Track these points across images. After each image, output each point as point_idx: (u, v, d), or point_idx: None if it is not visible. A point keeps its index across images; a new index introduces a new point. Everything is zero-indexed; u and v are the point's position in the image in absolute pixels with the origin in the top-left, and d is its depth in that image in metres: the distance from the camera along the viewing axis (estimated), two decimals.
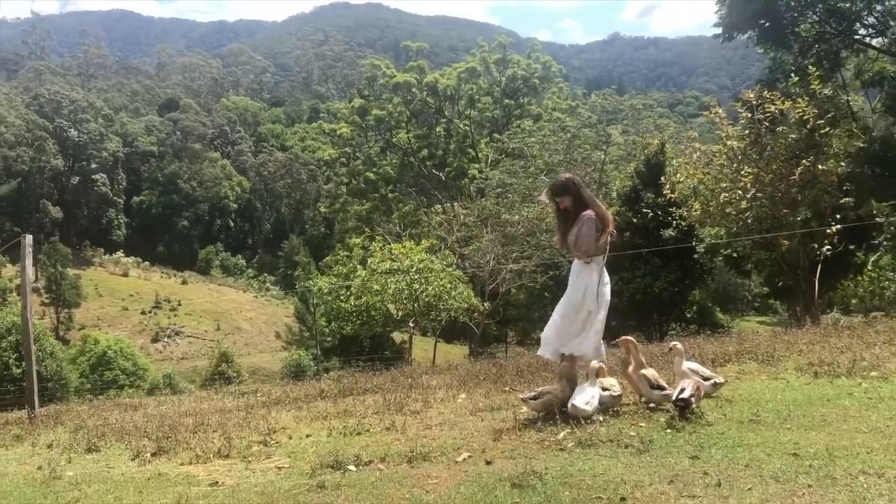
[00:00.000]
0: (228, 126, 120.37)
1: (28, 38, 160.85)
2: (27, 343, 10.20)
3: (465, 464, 5.07)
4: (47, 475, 5.55)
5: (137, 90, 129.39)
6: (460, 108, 54.41)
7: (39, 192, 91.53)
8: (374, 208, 52.55)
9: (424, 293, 20.10)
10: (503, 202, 34.12)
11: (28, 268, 9.98)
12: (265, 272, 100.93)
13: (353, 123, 56.38)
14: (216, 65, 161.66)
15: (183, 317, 76.94)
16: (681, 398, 5.53)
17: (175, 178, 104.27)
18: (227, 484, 5.03)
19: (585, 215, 6.18)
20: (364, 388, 9.52)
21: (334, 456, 5.34)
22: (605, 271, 6.50)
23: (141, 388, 36.29)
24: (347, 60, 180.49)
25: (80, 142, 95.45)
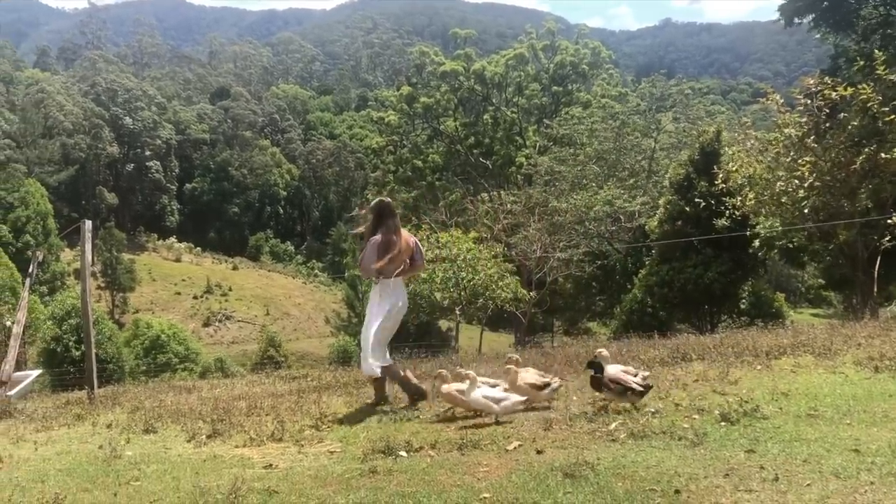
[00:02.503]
0: (278, 114, 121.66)
1: (85, 28, 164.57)
2: (87, 326, 10.48)
3: (515, 452, 5.07)
4: (108, 454, 5.70)
5: (190, 78, 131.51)
6: (508, 95, 54.06)
7: (96, 178, 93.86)
8: (420, 196, 52.57)
9: (471, 282, 20.08)
10: (551, 190, 33.88)
11: (87, 252, 10.24)
12: (313, 259, 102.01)
13: (401, 111, 56.43)
14: (266, 53, 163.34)
15: (233, 302, 78.33)
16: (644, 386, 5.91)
17: (226, 165, 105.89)
18: (280, 467, 5.11)
19: (372, 240, 6.83)
20: (414, 374, 9.57)
21: (385, 441, 5.38)
22: (395, 294, 7.05)
23: (193, 372, 37.08)
24: (395, 48, 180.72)
25: (134, 129, 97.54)
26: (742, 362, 7.80)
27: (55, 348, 27.64)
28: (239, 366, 39.17)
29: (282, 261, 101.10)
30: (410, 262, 7.18)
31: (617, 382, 5.89)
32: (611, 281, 34.39)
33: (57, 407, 9.78)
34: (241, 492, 4.36)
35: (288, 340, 56.48)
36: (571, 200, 31.21)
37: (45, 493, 4.57)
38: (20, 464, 5.68)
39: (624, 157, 36.33)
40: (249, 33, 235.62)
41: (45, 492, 4.62)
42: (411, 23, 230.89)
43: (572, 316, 41.49)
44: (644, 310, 24.56)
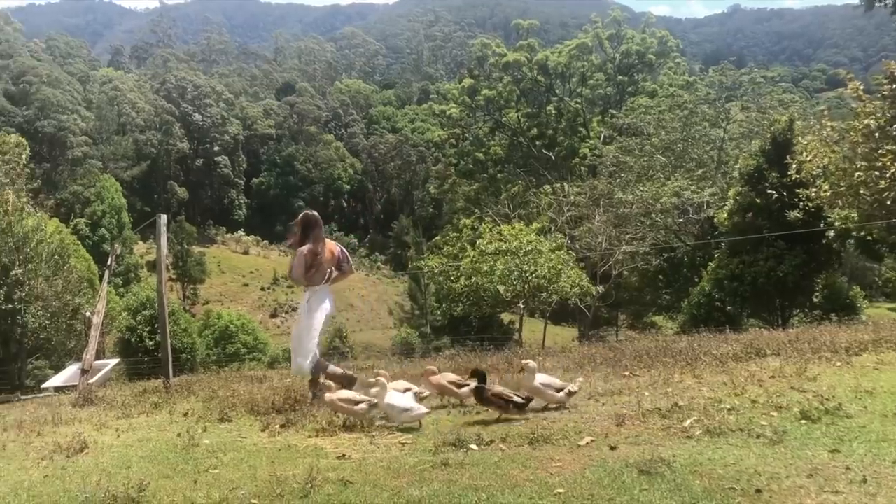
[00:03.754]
0: (342, 109, 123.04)
1: (156, 27, 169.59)
2: (162, 317, 10.80)
3: (588, 448, 5.02)
4: (186, 442, 5.87)
5: (256, 75, 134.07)
6: (572, 85, 53.51)
7: (167, 173, 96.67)
8: (482, 189, 52.54)
9: (534, 275, 19.93)
10: (616, 181, 33.42)
11: (163, 246, 10.56)
12: (376, 251, 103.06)
13: (463, 104, 56.44)
14: (330, 48, 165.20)
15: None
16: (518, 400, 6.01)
17: (292, 160, 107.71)
18: (353, 457, 5.17)
19: (299, 251, 7.33)
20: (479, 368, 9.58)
21: (455, 434, 5.39)
22: (321, 300, 7.51)
23: (261, 362, 37.82)
24: (457, 40, 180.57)
25: (203, 125, 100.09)
26: (820, 358, 7.55)
27: (130, 338, 28.54)
28: None
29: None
30: (339, 270, 7.60)
31: (499, 396, 6.03)
32: (678, 274, 33.76)
33: (135, 395, 10.11)
34: (317, 482, 4.43)
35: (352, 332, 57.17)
36: (638, 192, 30.72)
37: (130, 479, 4.72)
38: (104, 450, 5.90)
39: (692, 147, 35.55)
40: (314, 29, 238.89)
41: (129, 478, 4.78)
42: (473, 15, 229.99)
43: (637, 310, 40.87)
44: (712, 304, 24.01)
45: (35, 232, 23.42)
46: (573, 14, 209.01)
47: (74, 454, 5.75)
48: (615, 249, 27.64)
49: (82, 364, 10.81)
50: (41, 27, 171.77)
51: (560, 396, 6.35)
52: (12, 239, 22.39)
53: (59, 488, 4.73)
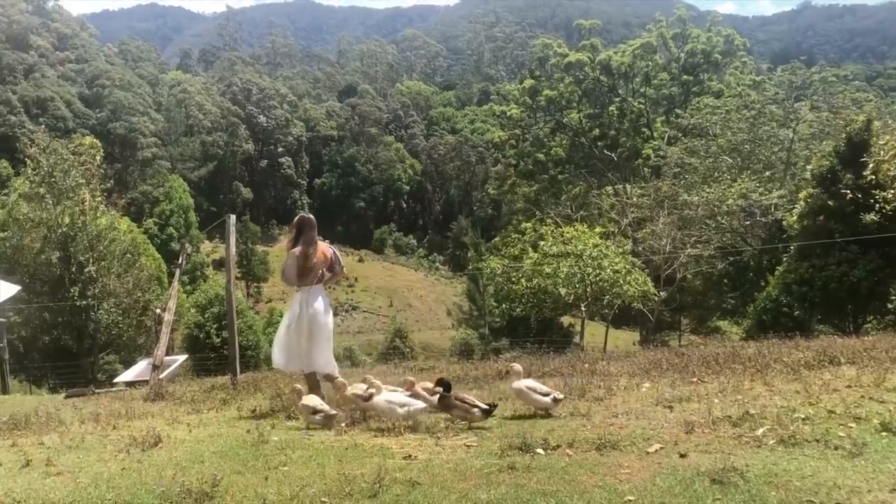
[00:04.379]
0: (402, 110, 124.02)
1: (223, 31, 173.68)
2: (230, 315, 11.03)
3: (657, 455, 4.93)
4: (256, 439, 5.97)
5: (319, 77, 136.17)
6: (635, 85, 52.75)
7: (232, 174, 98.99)
8: (542, 190, 52.22)
9: (597, 277, 19.70)
10: (681, 183, 32.81)
11: (232, 245, 10.79)
12: (435, 252, 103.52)
13: (524, 104, 56.20)
14: (391, 51, 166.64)
15: (359, 293, 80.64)
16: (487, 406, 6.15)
17: (353, 161, 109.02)
18: (419, 458, 5.18)
19: (292, 252, 7.59)
20: (542, 371, 9.51)
21: (521, 438, 5.35)
22: (311, 300, 7.68)
23: None
24: (518, 41, 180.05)
25: (268, 127, 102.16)
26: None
27: (198, 335, 29.30)
28: (365, 355, 40.24)
29: (404, 254, 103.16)
30: (331, 272, 7.84)
31: (462, 401, 6.19)
32: (743, 278, 32.96)
33: (203, 391, 10.35)
34: (385, 481, 4.45)
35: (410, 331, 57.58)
36: (703, 194, 30.07)
37: (204, 473, 4.83)
38: (177, 444, 6.05)
39: (759, 148, 34.65)
40: (376, 31, 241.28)
41: (203, 473, 4.89)
42: (534, 15, 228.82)
43: (701, 314, 40.02)
44: (779, 309, 23.32)
45: (108, 230, 24.26)
46: (636, 13, 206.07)
47: (149, 448, 5.91)
48: (679, 252, 27.12)
49: (153, 360, 11.12)
50: (114, 32, 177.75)
51: (545, 401, 6.36)
52: (87, 237, 23.22)
53: (136, 481, 4.87)
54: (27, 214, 23.72)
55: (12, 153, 76.99)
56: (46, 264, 23.36)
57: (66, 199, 23.45)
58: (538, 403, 6.43)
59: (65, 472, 5.25)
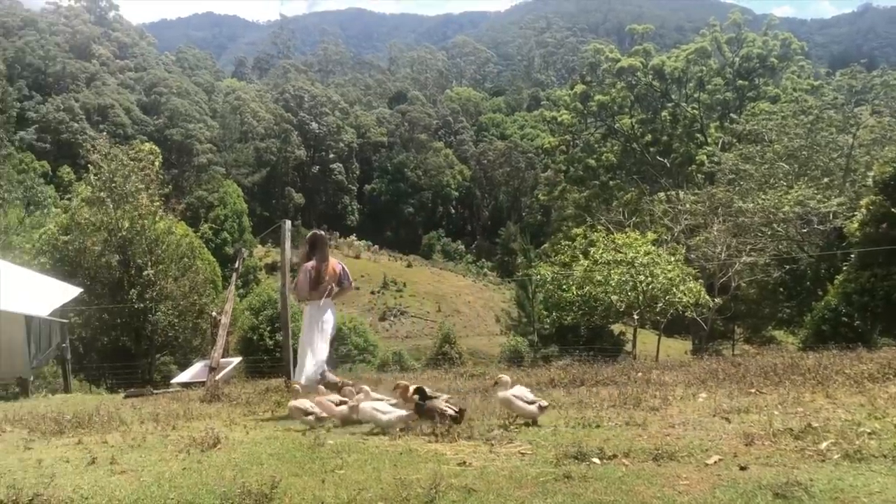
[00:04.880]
0: (451, 116, 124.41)
1: (277, 39, 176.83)
2: (284, 318, 11.21)
3: (716, 467, 4.84)
4: (312, 442, 6.05)
5: (370, 84, 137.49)
6: (688, 91, 52.03)
7: (285, 179, 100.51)
8: (593, 196, 51.79)
9: (650, 285, 19.42)
10: (735, 189, 32.19)
11: (287, 250, 10.97)
12: (483, 258, 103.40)
13: (574, 110, 55.87)
14: (441, 57, 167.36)
15: (407, 298, 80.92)
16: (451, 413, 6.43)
17: (402, 167, 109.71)
18: (474, 465, 5.18)
19: (304, 266, 8.05)
20: (595, 379, 9.43)
21: (577, 447, 5.32)
22: (321, 313, 8.14)
23: (371, 364, 38.67)
24: (569, 46, 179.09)
25: (319, 133, 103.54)
26: None
27: (252, 337, 29.84)
28: (414, 360, 40.37)
29: (453, 259, 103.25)
30: (339, 286, 8.28)
31: (433, 409, 6.49)
32: (800, 287, 32.13)
33: (258, 393, 10.53)
34: (441, 488, 4.47)
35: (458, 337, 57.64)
36: (758, 201, 29.44)
37: (262, 475, 4.91)
38: (236, 446, 6.16)
39: (817, 154, 33.78)
40: (426, 38, 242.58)
41: (261, 474, 4.98)
42: (585, 20, 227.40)
43: (755, 323, 39.12)
44: (839, 319, 22.65)
45: (166, 235, 24.85)
46: (689, 18, 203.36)
47: (208, 448, 6.03)
48: (734, 260, 26.59)
49: (210, 362, 11.36)
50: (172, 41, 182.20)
51: (531, 409, 6.49)
52: (146, 241, 23.82)
53: (196, 481, 4.98)
54: (89, 218, 24.45)
55: (74, 159, 79.65)
56: (107, 267, 24.04)
57: (125, 204, 24.11)
58: (524, 412, 6.54)
59: (128, 470, 5.39)
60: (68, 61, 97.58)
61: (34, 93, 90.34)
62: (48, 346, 17.19)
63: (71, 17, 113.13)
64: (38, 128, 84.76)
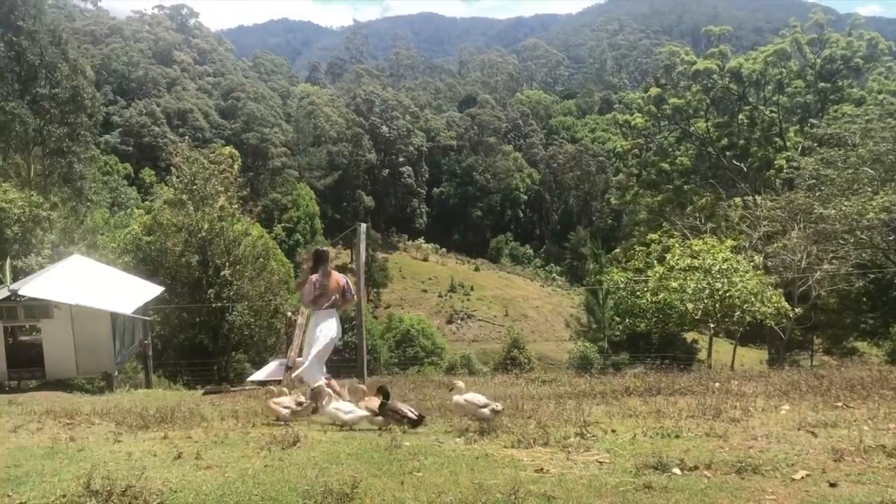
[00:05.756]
0: (521, 119, 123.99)
1: (349, 44, 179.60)
2: (360, 319, 11.39)
3: (803, 483, 4.70)
4: (389, 443, 6.12)
5: (440, 88, 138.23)
6: (766, 93, 50.42)
7: (355, 183, 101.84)
8: (667, 200, 50.71)
9: (727, 293, 18.90)
10: (816, 195, 31.06)
11: (363, 252, 11.15)
12: (552, 262, 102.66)
13: (648, 113, 54.88)
14: (512, 60, 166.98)
15: (475, 301, 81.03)
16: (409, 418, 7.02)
17: (471, 170, 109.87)
18: (552, 472, 5.15)
19: (310, 279, 8.84)
20: (671, 388, 9.26)
21: (657, 457, 5.24)
22: (325, 322, 8.85)
23: (439, 366, 38.86)
24: (642, 49, 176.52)
25: (390, 137, 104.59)
26: None
27: None
28: (481, 364, 40.37)
29: (521, 263, 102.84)
30: (343, 298, 9.05)
31: (395, 411, 7.09)
32: (885, 297, 30.83)
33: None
34: (520, 494, 4.46)
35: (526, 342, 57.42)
36: (841, 207, 28.31)
37: (342, 475, 5.00)
38: (315, 444, 6.28)
39: None
40: (497, 41, 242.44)
41: (341, 474, 5.07)
42: (659, 22, 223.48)
43: (836, 334, 37.68)
44: None
45: (243, 236, 25.50)
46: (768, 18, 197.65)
47: (288, 446, 6.17)
48: (815, 268, 25.68)
49: (287, 361, 11.60)
50: (249, 46, 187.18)
51: (484, 412, 6.72)
52: (224, 242, 24.50)
53: (279, 478, 5.10)
54: (170, 219, 25.30)
55: (155, 161, 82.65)
56: (186, 267, 24.82)
57: (205, 206, 24.86)
58: (478, 415, 6.76)
59: (213, 465, 5.56)
60: (151, 67, 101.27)
61: (118, 97, 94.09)
62: (131, 343, 17.86)
63: (154, 25, 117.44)
64: (121, 131, 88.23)
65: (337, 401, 7.60)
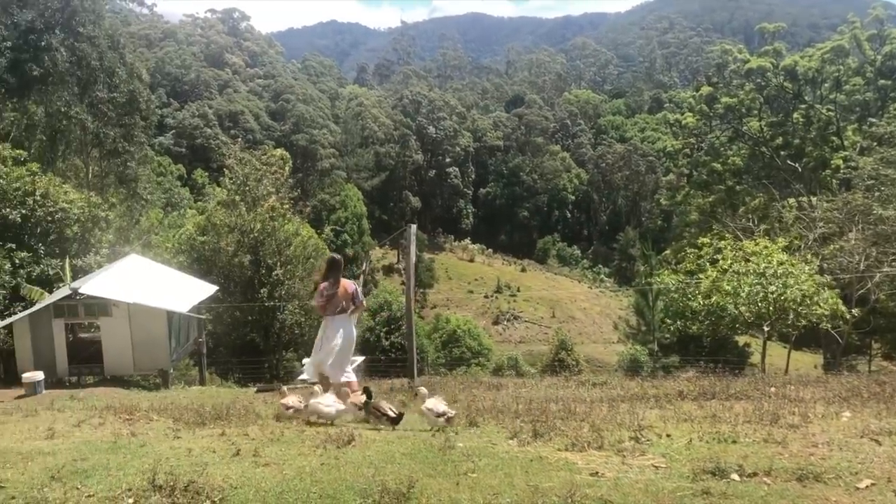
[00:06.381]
0: (569, 119, 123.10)
1: (397, 45, 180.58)
2: (409, 319, 11.45)
3: (868, 492, 4.60)
4: (442, 443, 6.15)
5: (487, 88, 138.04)
6: (823, 92, 49.18)
7: (402, 183, 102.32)
8: (718, 201, 49.84)
9: (782, 296, 18.47)
10: (874, 196, 30.20)
11: (413, 253, 11.20)
12: (599, 263, 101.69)
13: (699, 112, 54.04)
14: (560, 60, 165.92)
15: (521, 302, 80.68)
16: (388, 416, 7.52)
17: (518, 170, 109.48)
18: (607, 476, 5.12)
19: (321, 286, 9.25)
20: (726, 392, 9.11)
21: (714, 462, 5.17)
22: (335, 327, 9.30)
23: (485, 367, 38.74)
24: (693, 47, 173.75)
25: (436, 138, 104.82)
26: None
27: (368, 337, 30.54)
28: (528, 365, 40.19)
29: (568, 264, 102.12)
30: (353, 304, 9.39)
31: (377, 409, 7.65)
32: None
33: (382, 392, 10.80)
34: (576, 497, 4.45)
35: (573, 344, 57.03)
36: None
37: (398, 474, 5.05)
38: (369, 444, 6.35)
39: None
40: (545, 41, 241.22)
41: (397, 473, 5.11)
42: (711, 20, 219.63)
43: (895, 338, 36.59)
44: None
45: (294, 236, 25.84)
46: (824, 14, 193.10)
47: (343, 445, 6.25)
48: (874, 271, 24.97)
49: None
50: (298, 49, 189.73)
51: (440, 421, 7.16)
52: (275, 242, 24.86)
53: (336, 476, 5.17)
54: (223, 220, 25.76)
55: (207, 162, 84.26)
56: (239, 266, 25.24)
57: (257, 207, 25.25)
58: (434, 423, 7.19)
59: (271, 463, 5.66)
60: (203, 70, 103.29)
61: (172, 100, 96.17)
62: (186, 341, 18.25)
63: (206, 28, 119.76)
64: (175, 133, 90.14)
65: (318, 396, 8.04)
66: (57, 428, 7.84)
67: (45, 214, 20.44)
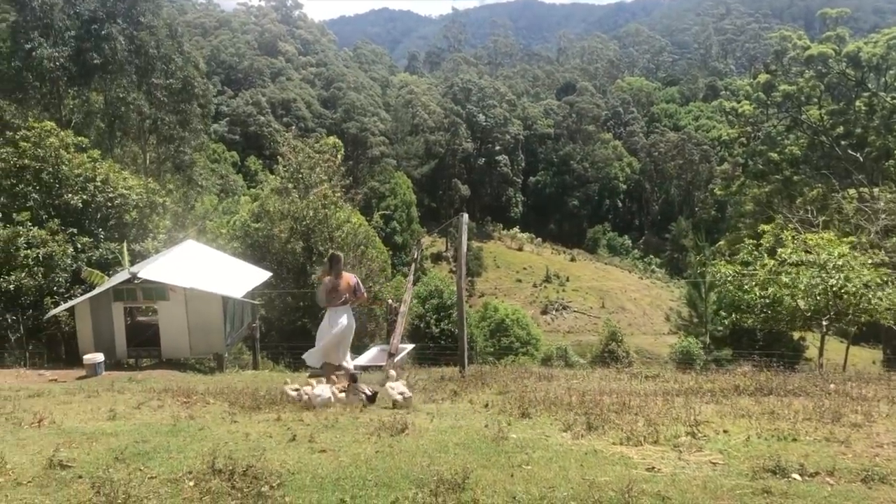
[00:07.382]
0: (622, 107, 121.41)
1: (448, 32, 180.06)
2: (460, 308, 11.46)
3: None
4: (495, 434, 6.15)
5: (538, 75, 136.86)
6: (888, 79, 47.57)
7: (451, 171, 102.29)
8: (775, 192, 48.63)
9: (842, 290, 17.93)
10: None
11: (464, 242, 11.20)
12: (651, 254, 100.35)
13: (756, 100, 52.74)
14: (613, 47, 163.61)
15: (570, 292, 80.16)
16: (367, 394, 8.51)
17: (568, 159, 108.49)
18: (664, 471, 5.06)
19: (325, 279, 10.18)
20: (784, 388, 8.90)
21: (774, 460, 5.07)
22: (337, 317, 10.14)
23: (534, 357, 38.59)
24: (750, 33, 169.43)
25: (486, 126, 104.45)
26: None
27: (419, 325, 30.70)
28: (577, 356, 39.92)
29: (618, 254, 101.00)
30: (353, 296, 10.25)
31: (355, 389, 8.67)
32: None
33: (433, 381, 10.83)
34: (633, 492, 4.41)
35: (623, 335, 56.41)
36: None
37: (452, 464, 5.07)
38: (422, 432, 6.39)
39: None
40: (597, 27, 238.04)
41: (451, 463, 5.13)
42: (769, 5, 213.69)
43: None
44: None
45: (345, 223, 26.06)
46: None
47: (397, 433, 6.30)
48: None
49: (389, 348, 11.82)
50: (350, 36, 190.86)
51: (400, 400, 8.17)
52: (327, 229, 25.12)
53: (391, 465, 5.22)
54: (277, 207, 26.12)
55: (260, 150, 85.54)
56: (292, 253, 25.58)
57: (310, 194, 25.53)
58: (397, 403, 8.14)
59: (327, 449, 5.74)
60: (256, 58, 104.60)
61: (226, 88, 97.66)
62: (241, 326, 18.59)
63: (260, 17, 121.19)
64: (229, 120, 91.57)
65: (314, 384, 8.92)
66: (118, 409, 8.07)
67: (105, 200, 21.00)
